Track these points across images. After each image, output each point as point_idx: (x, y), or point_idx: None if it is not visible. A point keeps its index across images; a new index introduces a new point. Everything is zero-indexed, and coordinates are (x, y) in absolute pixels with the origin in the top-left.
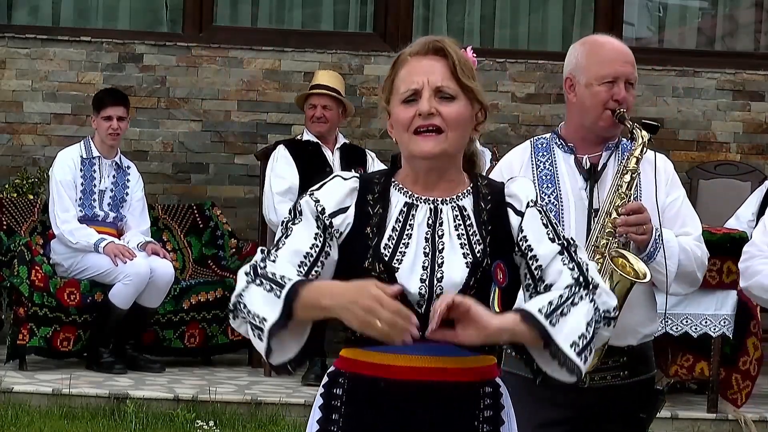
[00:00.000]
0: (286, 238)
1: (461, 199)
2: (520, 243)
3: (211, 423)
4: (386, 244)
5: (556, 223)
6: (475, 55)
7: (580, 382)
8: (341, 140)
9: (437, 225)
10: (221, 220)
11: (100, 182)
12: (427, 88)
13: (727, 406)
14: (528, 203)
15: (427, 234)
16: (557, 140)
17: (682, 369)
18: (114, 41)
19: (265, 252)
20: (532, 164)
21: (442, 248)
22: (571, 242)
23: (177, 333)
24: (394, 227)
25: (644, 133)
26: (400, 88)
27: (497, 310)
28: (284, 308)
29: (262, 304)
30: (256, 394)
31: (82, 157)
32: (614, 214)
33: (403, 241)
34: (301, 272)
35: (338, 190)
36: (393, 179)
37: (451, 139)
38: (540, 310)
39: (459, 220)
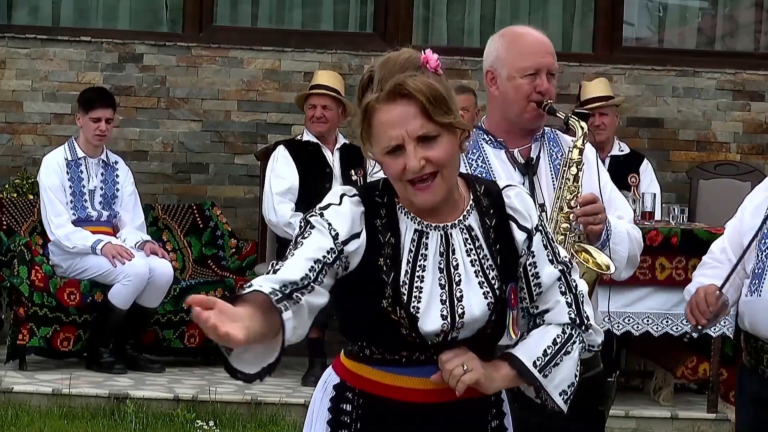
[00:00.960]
0: (295, 249)
1: (467, 218)
2: (528, 268)
3: (211, 423)
4: (403, 281)
5: (552, 240)
6: (438, 58)
7: None
8: (341, 140)
9: (450, 253)
10: (221, 220)
11: (88, 182)
12: (409, 141)
13: (729, 407)
14: (537, 226)
15: (441, 264)
16: (484, 135)
17: (687, 370)
18: (114, 41)
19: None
20: (465, 163)
21: (459, 280)
22: (569, 265)
23: (177, 333)
24: (407, 260)
25: (582, 123)
26: (380, 139)
27: (513, 336)
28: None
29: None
30: (256, 394)
31: (67, 159)
32: (566, 208)
33: (417, 274)
34: (314, 271)
35: (349, 214)
36: (397, 200)
37: (447, 177)
38: (535, 363)
39: (469, 243)
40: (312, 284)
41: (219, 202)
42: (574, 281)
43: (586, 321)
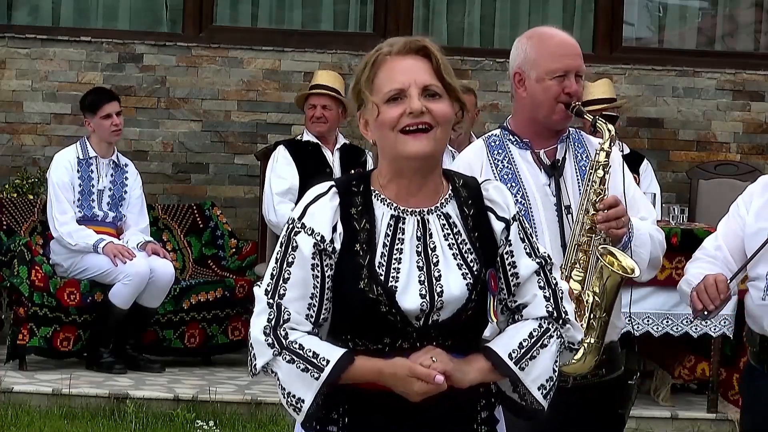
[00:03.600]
0: (285, 282)
1: (444, 206)
2: (506, 257)
3: (211, 423)
4: (380, 262)
5: (531, 235)
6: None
7: (563, 383)
8: (341, 140)
9: (427, 237)
10: (221, 220)
11: (98, 182)
12: (414, 87)
13: (728, 407)
14: (514, 215)
15: (418, 247)
16: (510, 136)
17: (684, 370)
18: (114, 41)
19: (273, 305)
20: (491, 163)
21: (437, 261)
22: (548, 260)
23: (177, 333)
24: (384, 243)
25: (609, 126)
26: (383, 88)
27: (494, 319)
28: (321, 390)
29: (297, 384)
30: (256, 394)
31: (78, 158)
32: (592, 211)
33: (395, 257)
34: (310, 318)
35: (325, 211)
36: (372, 187)
37: (439, 136)
38: (510, 356)
39: (447, 229)
40: (326, 312)
41: (219, 202)
42: (554, 278)
43: (564, 315)
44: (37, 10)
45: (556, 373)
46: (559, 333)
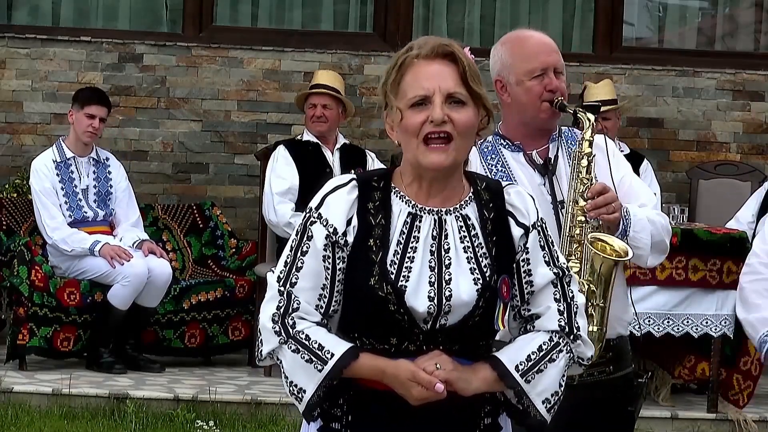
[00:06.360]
0: (298, 271)
1: (464, 208)
2: (521, 264)
3: (211, 423)
4: (392, 260)
5: (552, 244)
6: (473, 55)
7: (570, 380)
8: (341, 140)
9: (442, 237)
10: (221, 220)
11: (80, 181)
12: (439, 94)
13: (728, 408)
14: (534, 222)
15: (432, 247)
16: (501, 141)
17: (684, 370)
18: (114, 41)
19: (283, 293)
20: (485, 169)
21: (449, 263)
22: (566, 272)
23: (177, 333)
24: (398, 240)
25: (589, 115)
26: (408, 93)
27: (501, 327)
28: (324, 382)
29: (300, 374)
30: (256, 394)
31: (55, 161)
32: (581, 201)
33: (408, 255)
34: (320, 308)
35: (342, 203)
36: (393, 184)
37: (459, 147)
38: (517, 368)
39: (464, 231)
40: (336, 304)
41: (219, 202)
42: (571, 291)
43: (576, 331)
44: (37, 10)
45: (562, 388)
46: (569, 348)
